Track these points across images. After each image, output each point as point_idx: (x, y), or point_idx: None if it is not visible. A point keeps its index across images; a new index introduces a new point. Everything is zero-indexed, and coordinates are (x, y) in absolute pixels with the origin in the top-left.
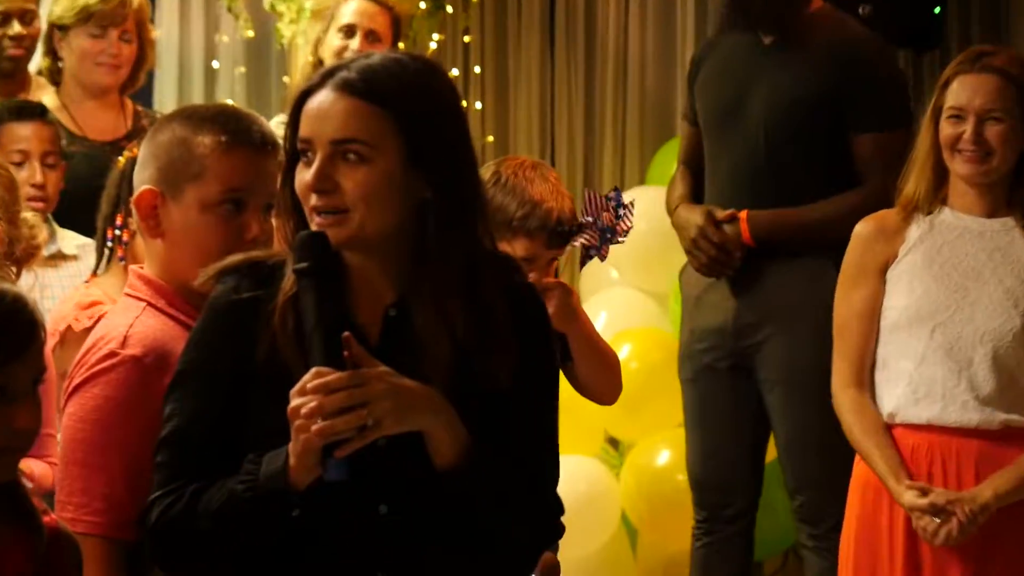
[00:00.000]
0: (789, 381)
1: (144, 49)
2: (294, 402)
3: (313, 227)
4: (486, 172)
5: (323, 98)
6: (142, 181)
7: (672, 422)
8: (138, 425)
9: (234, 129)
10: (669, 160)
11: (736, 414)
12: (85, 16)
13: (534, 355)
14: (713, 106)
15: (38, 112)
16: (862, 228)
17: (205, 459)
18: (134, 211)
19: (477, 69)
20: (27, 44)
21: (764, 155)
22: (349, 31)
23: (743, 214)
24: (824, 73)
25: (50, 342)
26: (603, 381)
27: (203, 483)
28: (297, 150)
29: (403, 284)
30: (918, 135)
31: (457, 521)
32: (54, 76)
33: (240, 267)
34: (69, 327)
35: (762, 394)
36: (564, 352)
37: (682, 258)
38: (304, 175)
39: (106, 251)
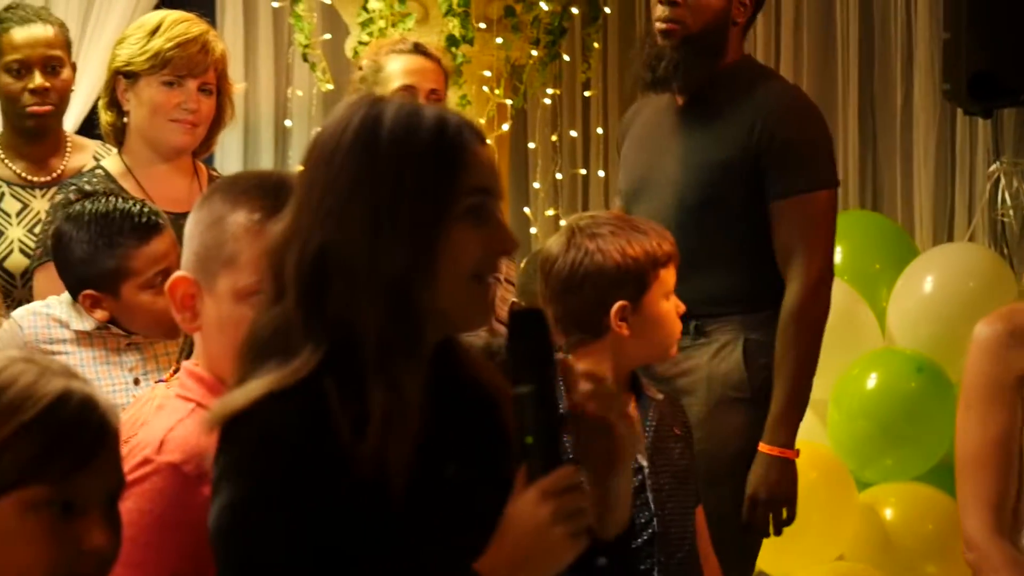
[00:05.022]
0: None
1: (224, 106)
2: (549, 506)
3: (484, 305)
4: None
5: (484, 148)
6: (182, 265)
7: (831, 554)
8: (178, 541)
9: (272, 205)
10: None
11: None
12: (159, 63)
13: None
14: (631, 174)
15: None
16: (986, 331)
17: None
18: (168, 300)
19: (599, 130)
20: (54, 99)
21: (675, 221)
22: (409, 95)
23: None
24: (735, 134)
25: (137, 437)
26: None
27: None
28: (449, 210)
29: None
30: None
31: None
32: (117, 134)
33: (267, 401)
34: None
35: None
36: None
37: (842, 358)
38: (482, 237)
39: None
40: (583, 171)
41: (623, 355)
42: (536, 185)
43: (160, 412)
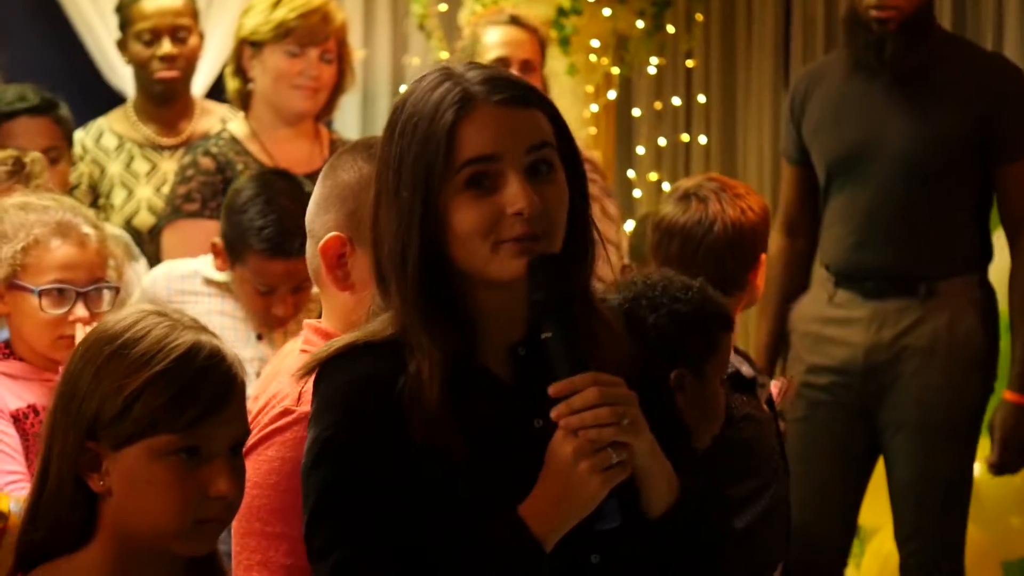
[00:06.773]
0: (918, 424)
1: (344, 72)
2: (571, 444)
3: (512, 262)
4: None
5: (493, 113)
6: (324, 225)
7: None
8: None
9: None
10: None
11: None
12: (283, 32)
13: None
14: (836, 145)
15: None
16: None
17: (392, 534)
18: (319, 260)
19: (701, 98)
20: (181, 65)
21: (904, 195)
22: (503, 66)
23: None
24: (966, 104)
25: (271, 389)
26: None
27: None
28: (441, 184)
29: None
30: None
31: (670, 569)
32: (243, 99)
33: (353, 349)
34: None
35: (882, 437)
36: None
37: None
38: (488, 205)
39: None
40: (686, 137)
41: (744, 306)
42: (640, 150)
43: (289, 367)
